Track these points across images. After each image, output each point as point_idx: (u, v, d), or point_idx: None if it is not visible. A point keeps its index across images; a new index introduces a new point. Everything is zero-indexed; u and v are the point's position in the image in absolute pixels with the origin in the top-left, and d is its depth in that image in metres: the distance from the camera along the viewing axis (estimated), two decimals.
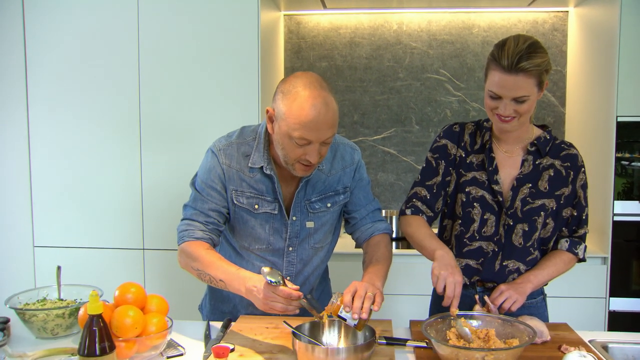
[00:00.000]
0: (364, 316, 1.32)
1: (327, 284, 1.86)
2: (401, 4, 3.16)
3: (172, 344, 1.46)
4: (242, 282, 1.40)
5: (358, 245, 1.73)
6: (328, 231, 1.68)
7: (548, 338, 1.47)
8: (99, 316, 1.16)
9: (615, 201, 2.70)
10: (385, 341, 1.43)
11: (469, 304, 1.57)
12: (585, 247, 1.65)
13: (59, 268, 1.69)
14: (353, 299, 1.33)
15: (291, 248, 1.63)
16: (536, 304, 1.68)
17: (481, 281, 1.65)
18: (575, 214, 1.63)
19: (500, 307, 1.52)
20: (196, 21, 2.68)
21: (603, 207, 2.75)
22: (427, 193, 1.67)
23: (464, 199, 1.63)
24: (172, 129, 2.73)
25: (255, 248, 1.63)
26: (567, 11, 3.20)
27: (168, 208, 2.74)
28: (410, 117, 3.31)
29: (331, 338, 1.42)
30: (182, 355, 1.41)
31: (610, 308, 2.75)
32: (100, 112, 2.74)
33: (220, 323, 1.62)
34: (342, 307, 1.33)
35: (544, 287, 1.71)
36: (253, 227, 1.60)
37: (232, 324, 1.60)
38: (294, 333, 1.34)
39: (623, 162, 2.69)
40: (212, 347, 1.33)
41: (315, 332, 1.41)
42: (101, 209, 2.79)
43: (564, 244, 1.63)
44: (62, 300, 1.65)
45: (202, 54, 2.69)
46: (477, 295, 1.60)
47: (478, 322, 1.44)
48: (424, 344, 1.41)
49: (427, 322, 1.39)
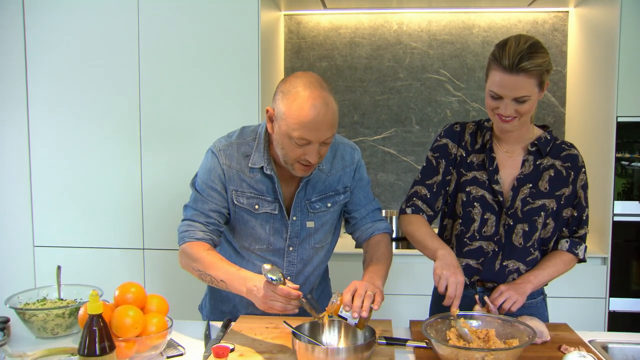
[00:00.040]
0: (364, 315, 1.32)
1: (328, 284, 1.86)
2: (401, 4, 3.16)
3: (172, 344, 1.46)
4: (243, 282, 1.40)
5: (358, 245, 1.73)
6: (328, 231, 1.69)
7: (548, 338, 1.47)
8: (99, 316, 1.16)
9: (615, 201, 2.70)
10: (385, 341, 1.43)
11: (469, 304, 1.57)
12: (585, 248, 1.65)
13: (59, 268, 1.69)
14: (353, 298, 1.34)
15: (291, 248, 1.63)
16: (536, 304, 1.68)
17: (481, 281, 1.65)
18: (575, 215, 1.63)
19: (500, 308, 1.52)
20: (196, 21, 2.68)
21: (603, 208, 2.75)
22: (428, 192, 1.67)
23: (465, 199, 1.63)
24: (172, 129, 2.73)
25: (255, 248, 1.63)
26: (567, 11, 3.20)
27: (168, 208, 2.74)
28: (410, 117, 3.31)
29: (331, 338, 1.42)
30: (182, 355, 1.41)
31: (610, 308, 2.75)
32: (100, 112, 2.75)
33: (220, 323, 1.62)
34: (342, 307, 1.33)
35: (544, 288, 1.71)
36: (253, 227, 1.60)
37: (232, 324, 1.60)
38: (294, 333, 1.34)
39: (623, 163, 2.69)
40: (212, 347, 1.33)
41: (315, 332, 1.40)
42: (101, 209, 2.79)
43: (564, 245, 1.63)
44: (62, 300, 1.65)
45: (202, 54, 2.69)
46: (477, 295, 1.60)
47: (478, 323, 1.44)
48: (424, 344, 1.41)
49: (427, 322, 1.39)
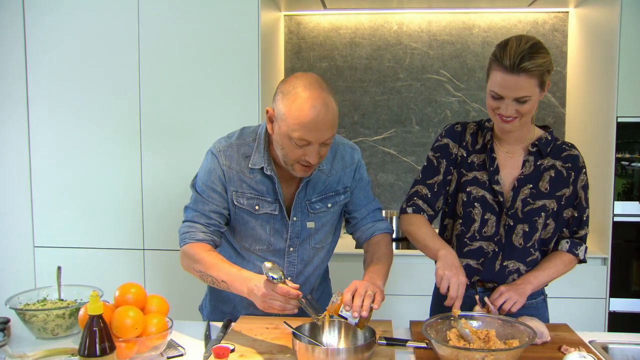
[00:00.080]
0: (364, 314, 1.32)
1: (328, 284, 1.86)
2: (401, 5, 3.15)
3: (172, 345, 1.46)
4: (244, 283, 1.40)
5: (359, 245, 1.73)
6: (329, 231, 1.68)
7: (548, 339, 1.47)
8: (99, 317, 1.16)
9: (615, 202, 2.70)
10: (385, 342, 1.43)
11: (469, 304, 1.57)
12: (585, 249, 1.65)
13: (59, 268, 1.69)
14: (353, 298, 1.33)
15: (292, 248, 1.63)
16: (537, 305, 1.68)
17: (481, 281, 1.65)
18: (576, 215, 1.63)
19: (500, 308, 1.52)
20: (196, 21, 2.68)
21: (603, 208, 2.75)
22: (428, 191, 1.67)
23: (465, 199, 1.63)
24: (172, 129, 2.73)
25: (256, 249, 1.63)
26: (567, 12, 3.20)
27: (168, 208, 2.74)
28: (410, 118, 3.31)
29: (331, 338, 1.42)
30: (182, 355, 1.41)
31: (610, 309, 2.75)
32: (100, 112, 2.75)
33: (220, 323, 1.62)
34: (343, 306, 1.33)
35: (545, 288, 1.71)
36: (254, 228, 1.60)
37: (232, 325, 1.60)
38: (294, 333, 1.34)
39: (623, 163, 2.69)
40: (212, 348, 1.33)
41: (315, 333, 1.40)
42: (101, 209, 2.79)
43: (565, 245, 1.63)
44: (63, 300, 1.65)
45: (202, 54, 2.69)
46: (477, 296, 1.60)
47: (478, 323, 1.44)
48: (424, 345, 1.41)
49: (427, 323, 1.39)
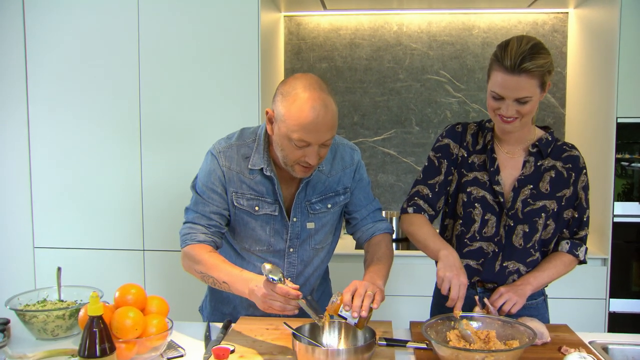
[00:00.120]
0: (364, 314, 1.32)
1: (328, 285, 1.86)
2: (401, 5, 3.16)
3: (172, 345, 1.46)
4: (245, 284, 1.40)
5: (359, 245, 1.73)
6: (329, 232, 1.68)
7: (548, 339, 1.47)
8: (99, 317, 1.16)
9: (615, 202, 2.70)
10: (385, 342, 1.43)
11: (469, 305, 1.57)
12: (586, 249, 1.64)
13: (59, 269, 1.69)
14: (353, 298, 1.33)
15: (292, 249, 1.63)
16: (537, 305, 1.68)
17: (481, 282, 1.65)
18: (576, 216, 1.63)
19: (500, 310, 1.52)
20: (196, 22, 2.68)
21: (603, 208, 2.75)
22: (429, 191, 1.67)
23: (465, 199, 1.63)
24: (172, 129, 2.73)
25: (256, 249, 1.63)
26: (567, 12, 3.20)
27: (168, 208, 2.74)
28: (410, 118, 3.31)
29: (331, 339, 1.42)
30: (182, 356, 1.41)
31: (610, 309, 2.75)
32: (100, 112, 2.75)
33: (220, 324, 1.62)
34: (342, 306, 1.33)
35: (545, 288, 1.71)
36: (254, 229, 1.60)
37: (233, 325, 1.60)
38: (294, 334, 1.34)
39: (623, 163, 2.69)
40: (212, 349, 1.33)
41: (315, 334, 1.40)
42: (101, 210, 2.79)
43: (565, 246, 1.63)
44: (63, 301, 1.65)
45: (203, 55, 2.69)
46: (477, 296, 1.60)
47: (478, 324, 1.44)
48: (424, 346, 1.41)
49: (427, 324, 1.39)
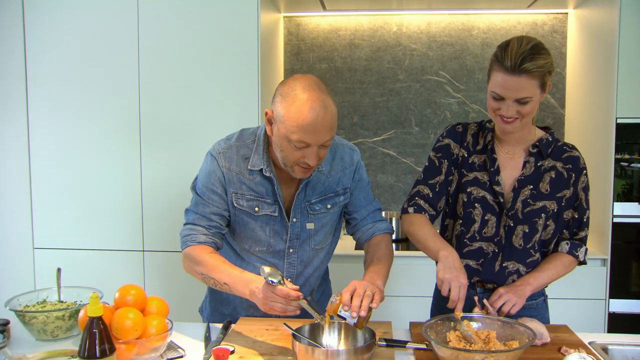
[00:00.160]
0: (363, 314, 1.32)
1: (328, 285, 1.86)
2: (401, 6, 3.16)
3: (172, 346, 1.46)
4: (246, 285, 1.40)
5: (359, 245, 1.73)
6: (328, 232, 1.69)
7: (548, 340, 1.47)
8: (99, 318, 1.16)
9: (614, 203, 2.70)
10: (385, 343, 1.43)
11: (469, 305, 1.56)
12: (586, 250, 1.64)
13: (59, 270, 1.69)
14: (352, 298, 1.34)
15: (292, 250, 1.63)
16: (537, 305, 1.68)
17: (481, 282, 1.65)
18: (576, 217, 1.63)
19: (499, 311, 1.52)
20: (196, 22, 2.68)
21: (603, 209, 2.75)
22: (430, 191, 1.67)
23: (465, 199, 1.63)
24: (172, 130, 2.73)
25: (255, 250, 1.63)
26: (567, 13, 3.20)
27: (168, 209, 2.74)
28: (409, 119, 3.31)
29: (331, 340, 1.42)
30: (182, 357, 1.41)
31: (610, 310, 2.76)
32: (100, 113, 2.75)
33: (220, 325, 1.62)
34: (341, 306, 1.33)
35: (545, 289, 1.71)
36: (253, 230, 1.60)
37: (232, 326, 1.60)
38: (294, 335, 1.34)
39: (622, 164, 2.69)
40: (212, 349, 1.33)
41: (315, 334, 1.40)
42: (101, 210, 2.79)
43: (565, 247, 1.63)
44: (62, 302, 1.64)
45: (202, 55, 2.69)
46: (477, 297, 1.60)
47: (478, 324, 1.44)
48: (424, 346, 1.41)
49: (427, 324, 1.39)
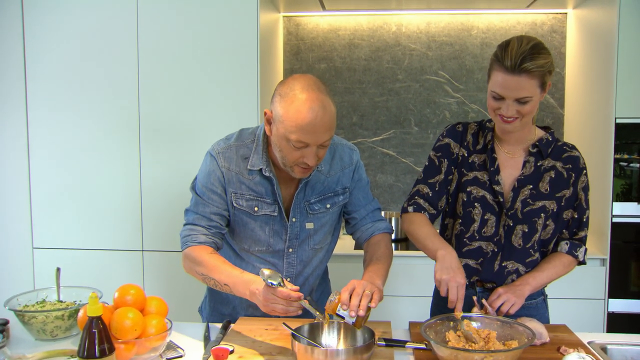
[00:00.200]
0: (361, 313, 1.32)
1: (327, 285, 1.86)
2: (400, 6, 3.16)
3: (172, 346, 1.46)
4: (246, 286, 1.40)
5: (358, 245, 1.73)
6: (328, 232, 1.69)
7: (547, 340, 1.47)
8: (99, 318, 1.16)
9: (614, 202, 2.70)
10: (384, 343, 1.44)
11: (468, 305, 1.57)
12: (585, 250, 1.64)
13: (59, 270, 1.69)
14: (351, 297, 1.34)
15: (291, 249, 1.63)
16: (536, 305, 1.68)
17: (480, 281, 1.65)
18: (576, 216, 1.63)
19: (498, 310, 1.52)
20: (195, 22, 2.68)
21: (602, 209, 2.76)
22: (430, 191, 1.67)
23: (465, 199, 1.63)
24: (172, 130, 2.73)
25: (255, 250, 1.63)
26: (566, 13, 3.20)
27: (167, 209, 2.74)
28: (409, 119, 3.31)
29: (330, 340, 1.42)
30: (182, 357, 1.41)
31: (609, 309, 2.76)
32: (99, 112, 2.75)
33: (219, 325, 1.62)
34: (340, 305, 1.33)
35: (545, 288, 1.71)
36: (253, 230, 1.60)
37: (232, 326, 1.60)
38: (293, 335, 1.34)
39: (622, 164, 2.70)
40: (212, 349, 1.33)
41: (314, 334, 1.41)
42: (100, 210, 2.79)
43: (564, 247, 1.63)
44: (62, 302, 1.64)
45: (202, 55, 2.69)
46: (475, 297, 1.60)
47: (477, 324, 1.44)
48: (424, 346, 1.42)
49: (427, 324, 1.39)
